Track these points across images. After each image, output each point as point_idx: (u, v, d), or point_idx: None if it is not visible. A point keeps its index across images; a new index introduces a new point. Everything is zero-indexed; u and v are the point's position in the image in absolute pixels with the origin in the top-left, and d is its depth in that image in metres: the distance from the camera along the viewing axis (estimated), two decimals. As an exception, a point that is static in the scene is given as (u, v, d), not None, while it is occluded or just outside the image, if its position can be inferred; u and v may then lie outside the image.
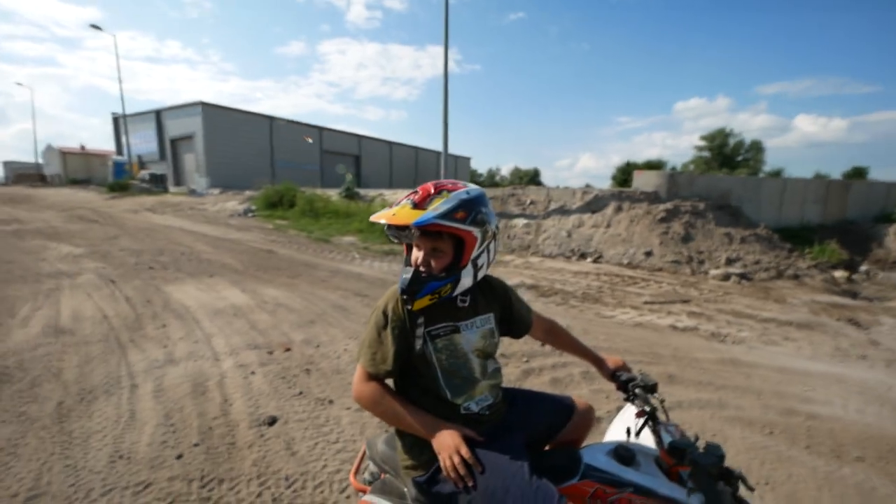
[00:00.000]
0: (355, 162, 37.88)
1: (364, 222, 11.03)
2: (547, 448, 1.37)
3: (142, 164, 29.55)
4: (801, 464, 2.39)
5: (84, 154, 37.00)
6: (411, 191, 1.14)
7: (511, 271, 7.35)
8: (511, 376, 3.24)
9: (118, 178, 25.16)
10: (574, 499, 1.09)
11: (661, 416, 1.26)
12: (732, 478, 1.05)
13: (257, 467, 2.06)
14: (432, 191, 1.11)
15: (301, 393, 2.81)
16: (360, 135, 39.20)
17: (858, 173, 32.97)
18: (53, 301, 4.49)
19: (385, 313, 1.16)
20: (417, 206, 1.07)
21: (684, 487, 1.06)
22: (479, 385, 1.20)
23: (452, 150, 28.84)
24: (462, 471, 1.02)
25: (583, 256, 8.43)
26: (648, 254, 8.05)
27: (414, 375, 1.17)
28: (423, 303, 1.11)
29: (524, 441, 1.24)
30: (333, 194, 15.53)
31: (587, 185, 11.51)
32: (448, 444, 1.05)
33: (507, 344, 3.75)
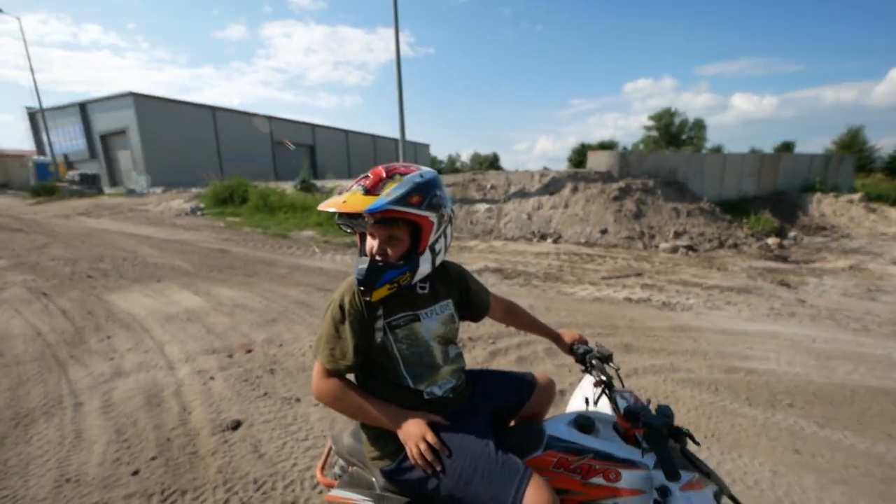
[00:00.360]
0: (310, 152, 36.50)
1: (323, 215, 10.70)
2: (512, 424, 1.41)
3: (69, 164, 26.88)
4: (742, 415, 2.63)
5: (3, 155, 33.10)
6: (361, 175, 1.10)
7: (475, 256, 7.44)
8: (479, 358, 3.30)
9: (42, 180, 22.70)
10: (540, 469, 1.13)
11: (617, 384, 1.33)
12: (681, 435, 1.14)
13: (223, 474, 1.99)
14: (384, 175, 1.06)
15: (266, 394, 2.72)
16: (313, 123, 37.73)
17: (787, 147, 35.98)
18: (-26, 320, 4.04)
19: (342, 307, 1.12)
20: (369, 191, 1.02)
21: (640, 449, 1.13)
22: (441, 370, 1.21)
23: (411, 136, 28.40)
24: (429, 457, 1.03)
25: (543, 237, 8.67)
26: (604, 231, 8.41)
27: (374, 367, 1.15)
28: (381, 293, 1.08)
29: (489, 419, 1.27)
30: (288, 187, 14.92)
31: (545, 168, 11.77)
32: (414, 433, 1.06)
33: (473, 327, 3.81)
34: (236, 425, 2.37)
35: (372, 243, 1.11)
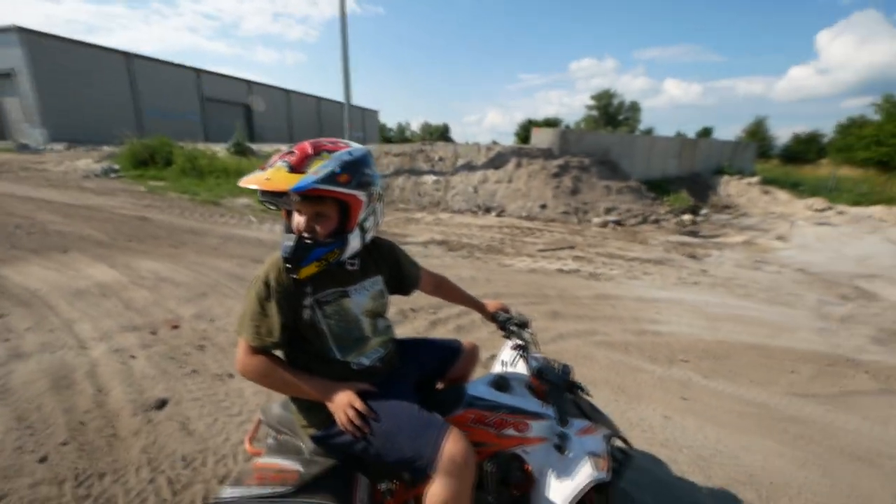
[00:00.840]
0: (245, 112, 33.49)
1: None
2: (439, 387, 1.53)
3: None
4: (645, 371, 3.02)
5: None
6: (285, 150, 1.07)
7: (422, 228, 7.48)
8: (420, 327, 3.42)
9: None
10: (460, 426, 1.26)
11: (533, 349, 1.49)
12: (575, 388, 1.32)
13: (147, 454, 1.93)
14: (310, 151, 1.05)
15: (195, 371, 2.63)
16: (250, 80, 34.42)
17: (706, 132, 39.47)
18: None
19: (267, 283, 1.11)
20: (295, 169, 1.01)
21: (546, 403, 1.30)
22: (370, 342, 1.26)
23: (359, 101, 26.93)
24: (358, 422, 1.09)
25: (488, 211, 8.90)
26: (543, 206, 8.81)
27: (301, 342, 1.17)
28: (310, 270, 1.09)
29: (414, 384, 1.36)
30: (220, 150, 13.71)
31: (493, 142, 11.93)
32: (342, 402, 1.11)
33: (413, 298, 3.90)
34: (161, 404, 2.28)
35: (299, 220, 1.10)
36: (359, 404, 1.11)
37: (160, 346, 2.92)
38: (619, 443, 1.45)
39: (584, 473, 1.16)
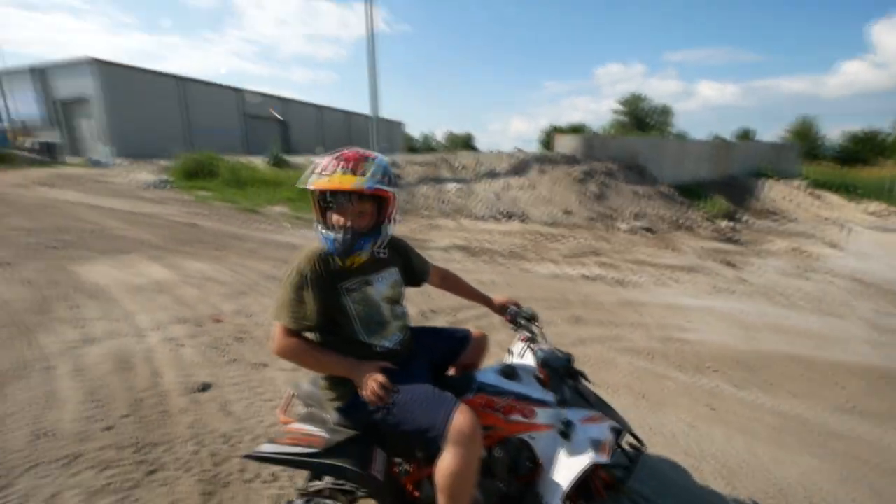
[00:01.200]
0: (281, 126, 35.24)
1: (294, 190, 10.59)
2: (451, 373, 1.65)
3: (26, 131, 25.09)
4: (670, 379, 2.98)
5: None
6: (333, 157, 1.25)
7: (444, 234, 7.64)
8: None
9: (-5, 146, 21.19)
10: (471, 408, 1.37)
11: (540, 341, 1.58)
12: (576, 375, 1.40)
13: (193, 429, 2.16)
14: (359, 157, 1.25)
15: (234, 360, 2.88)
16: (286, 98, 36.27)
17: (746, 134, 37.30)
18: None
19: (302, 273, 1.27)
20: (355, 172, 1.21)
21: (548, 390, 1.39)
22: (390, 326, 1.41)
23: (385, 114, 27.79)
24: (381, 393, 1.23)
25: (510, 217, 8.93)
26: (568, 212, 8.74)
27: (331, 325, 1.33)
28: (360, 259, 1.30)
29: (429, 367, 1.50)
30: (260, 162, 14.56)
31: (518, 149, 11.95)
32: (368, 377, 1.25)
33: (435, 300, 4.04)
34: (205, 387, 2.53)
35: (339, 217, 1.27)
36: (382, 378, 1.25)
37: (205, 337, 3.21)
38: (630, 440, 1.50)
39: (585, 456, 1.23)
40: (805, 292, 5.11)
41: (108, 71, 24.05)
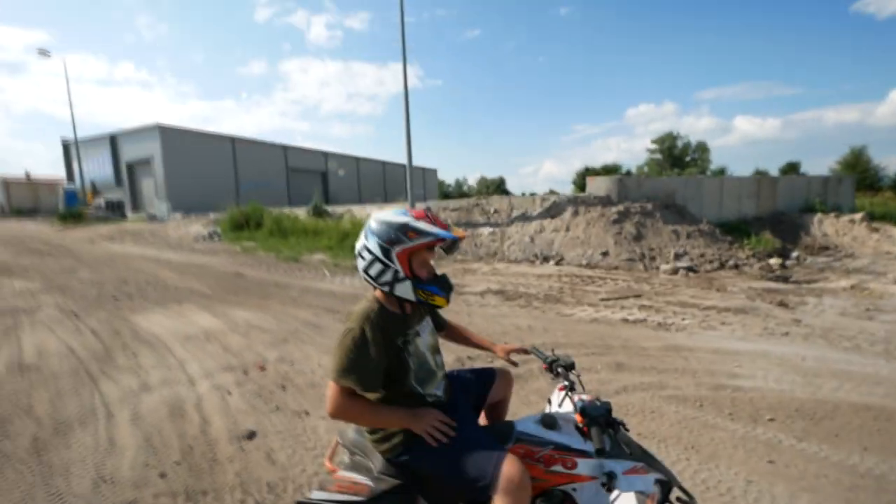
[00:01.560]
0: (322, 178, 37.63)
1: (332, 239, 11.10)
2: (484, 408, 1.67)
3: (96, 191, 28.19)
4: (722, 429, 2.77)
5: (30, 183, 34.91)
6: (423, 212, 1.40)
7: (479, 278, 7.68)
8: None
9: (69, 206, 23.87)
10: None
11: (579, 389, 1.57)
12: (615, 424, 1.38)
13: (239, 478, 2.22)
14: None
15: (278, 408, 2.97)
16: (326, 151, 39.02)
17: (792, 168, 35.94)
18: (13, 339, 4.39)
19: (364, 333, 1.27)
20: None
21: (588, 440, 1.36)
22: (437, 374, 1.46)
23: (419, 162, 29.19)
24: (444, 429, 1.28)
25: (545, 260, 8.89)
26: (605, 254, 8.61)
27: (387, 381, 1.36)
28: (441, 301, 1.39)
29: (473, 411, 1.52)
30: (301, 213, 15.48)
31: (550, 191, 12.15)
32: (430, 420, 1.30)
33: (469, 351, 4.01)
34: (251, 435, 2.61)
35: (431, 265, 1.43)
36: (442, 416, 1.31)
37: (251, 384, 3.33)
38: (679, 494, 1.43)
39: None
40: (870, 334, 4.68)
41: (169, 134, 27.05)
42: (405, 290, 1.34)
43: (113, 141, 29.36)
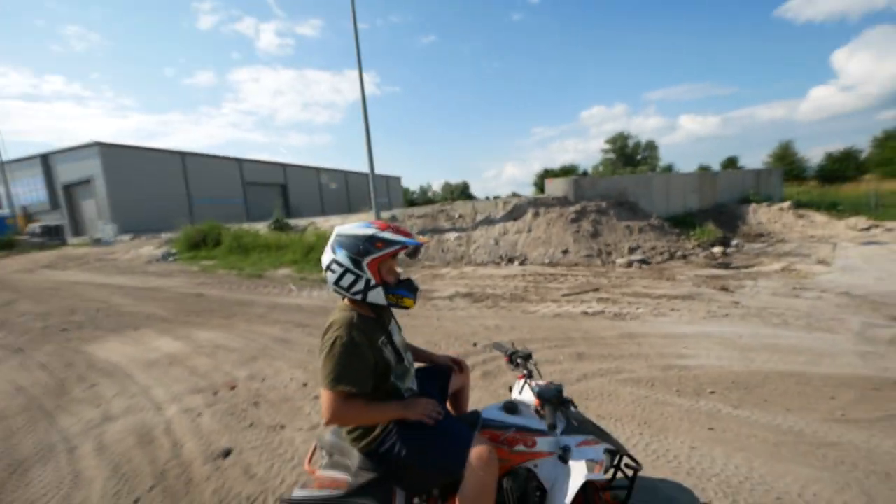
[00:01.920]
0: (282, 191, 36.63)
1: (297, 253, 10.91)
2: (448, 398, 1.84)
3: (29, 217, 25.98)
4: (671, 405, 3.07)
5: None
6: (386, 223, 1.52)
7: (447, 283, 7.84)
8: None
9: (0, 234, 21.87)
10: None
11: (536, 376, 1.75)
12: (566, 402, 1.56)
13: (218, 495, 2.23)
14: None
15: (252, 424, 2.96)
16: (284, 163, 38.05)
17: (731, 162, 38.98)
18: (-51, 382, 4.06)
19: (350, 339, 1.34)
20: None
21: (543, 420, 1.54)
22: (410, 370, 1.61)
23: (382, 170, 29.14)
24: (435, 411, 1.44)
25: (510, 261, 9.20)
26: (565, 252, 9.04)
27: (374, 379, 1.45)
28: (410, 303, 1.52)
29: (442, 402, 1.67)
30: (262, 227, 15.06)
31: (513, 194, 12.58)
32: (426, 407, 1.46)
33: (462, 354, 4.15)
34: (227, 453, 2.61)
35: (397, 270, 1.57)
36: (433, 401, 1.49)
37: (222, 404, 3.29)
38: (628, 461, 1.63)
39: (580, 474, 1.37)
40: (796, 310, 5.25)
41: (110, 152, 25.42)
42: (377, 296, 1.46)
43: (45, 161, 27.21)
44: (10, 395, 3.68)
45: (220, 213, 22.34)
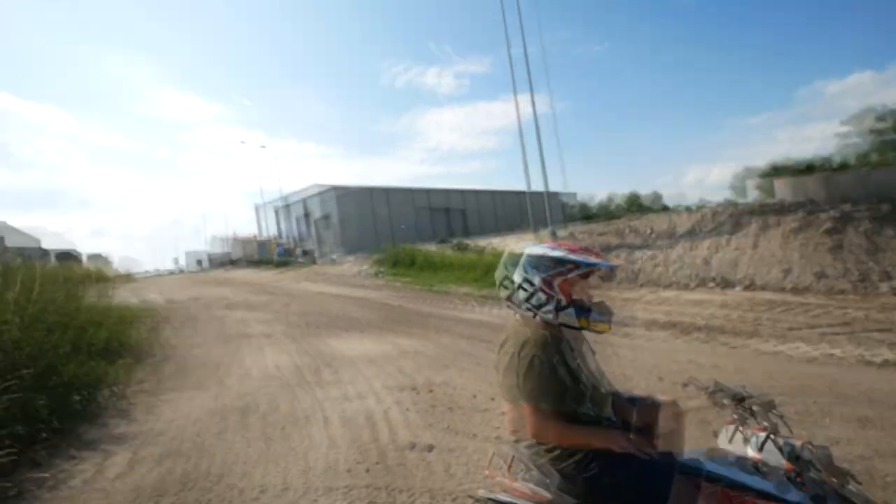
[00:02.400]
0: (461, 215, 40.46)
1: (477, 272, 11.65)
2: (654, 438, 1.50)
3: (296, 244, 36.45)
4: None
5: (256, 240, 47.45)
6: (576, 245, 1.49)
7: (642, 308, 6.93)
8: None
9: (280, 256, 31.46)
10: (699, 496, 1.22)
11: (784, 431, 1.31)
12: (841, 475, 1.10)
13: (426, 483, 2.46)
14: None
15: (448, 427, 3.20)
16: (463, 189, 42.18)
17: None
18: (262, 355, 5.87)
19: (550, 358, 1.33)
20: None
21: (802, 491, 1.12)
22: (608, 398, 1.44)
23: (555, 187, 29.07)
24: (641, 446, 1.29)
25: (728, 284, 7.46)
26: (820, 275, 6.74)
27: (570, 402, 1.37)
28: (605, 328, 1.42)
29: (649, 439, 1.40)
30: (446, 249, 16.83)
31: (728, 201, 10.32)
32: (631, 441, 1.31)
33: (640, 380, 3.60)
34: (431, 448, 2.87)
35: (590, 292, 1.47)
36: (645, 442, 1.31)
37: (423, 404, 3.69)
38: None
39: None
40: None
41: (339, 192, 33.50)
42: (569, 317, 1.39)
43: (304, 203, 37.99)
44: (292, 370, 5.04)
45: (411, 236, 26.29)
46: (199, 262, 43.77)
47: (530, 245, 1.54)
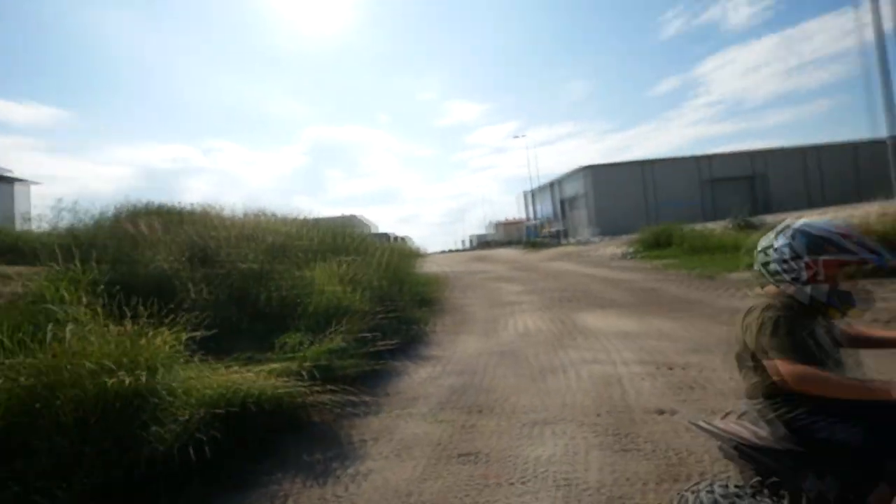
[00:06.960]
0: (749, 184, 31.74)
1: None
2: None
3: (543, 226, 38.72)
4: None
5: (513, 223, 53.31)
6: (855, 234, 1.44)
7: None
8: None
9: (530, 237, 34.35)
10: None
11: None
12: None
13: (649, 439, 2.87)
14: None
15: (685, 400, 3.39)
16: (753, 151, 32.77)
17: None
18: (515, 319, 7.31)
19: (794, 318, 1.42)
20: None
21: None
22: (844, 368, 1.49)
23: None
24: None
25: None
26: None
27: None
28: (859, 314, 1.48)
29: None
30: (718, 227, 14.14)
31: None
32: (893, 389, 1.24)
33: None
34: (661, 412, 3.21)
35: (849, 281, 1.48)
36: None
37: (662, 378, 3.93)
38: None
39: None
40: None
41: (593, 172, 32.71)
42: (819, 292, 1.44)
43: (552, 186, 39.34)
44: (540, 332, 6.15)
45: (677, 214, 22.99)
46: (469, 242, 53.83)
47: (806, 221, 1.53)
